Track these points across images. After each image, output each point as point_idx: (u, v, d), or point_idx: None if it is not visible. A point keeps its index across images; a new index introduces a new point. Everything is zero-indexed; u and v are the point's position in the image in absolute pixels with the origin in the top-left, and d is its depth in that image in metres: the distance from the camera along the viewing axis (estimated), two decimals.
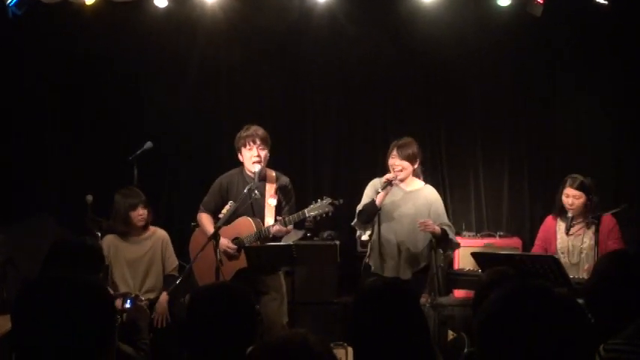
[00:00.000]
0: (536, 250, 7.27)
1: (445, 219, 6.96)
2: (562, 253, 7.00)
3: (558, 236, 7.10)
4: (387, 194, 6.78)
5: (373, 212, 6.80)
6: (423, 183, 7.07)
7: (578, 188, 6.91)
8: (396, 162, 6.84)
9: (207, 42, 9.12)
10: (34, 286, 2.54)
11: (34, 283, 2.58)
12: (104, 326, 2.50)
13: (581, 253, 6.91)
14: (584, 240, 6.92)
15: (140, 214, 6.92)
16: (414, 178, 7.01)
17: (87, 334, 2.42)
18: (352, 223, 7.04)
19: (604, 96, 8.84)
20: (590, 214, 6.87)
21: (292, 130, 9.31)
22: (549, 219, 7.26)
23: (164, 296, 6.88)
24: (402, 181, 6.89)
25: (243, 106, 9.32)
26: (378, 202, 6.74)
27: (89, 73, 9.16)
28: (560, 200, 7.04)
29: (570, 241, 7.00)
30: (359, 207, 6.93)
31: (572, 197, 6.96)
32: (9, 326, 2.57)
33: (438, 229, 6.68)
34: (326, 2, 8.32)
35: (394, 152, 6.88)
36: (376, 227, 6.91)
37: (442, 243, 6.84)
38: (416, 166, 6.92)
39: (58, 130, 9.27)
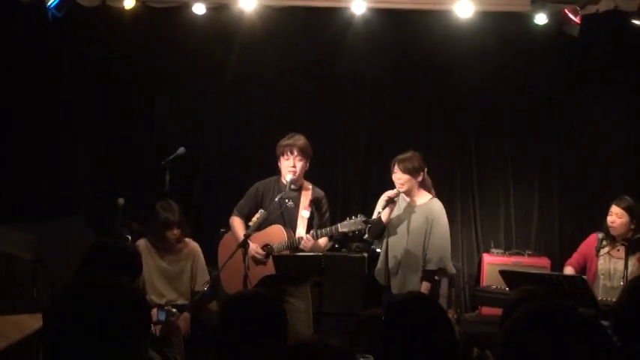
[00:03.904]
0: (572, 261, 7.19)
1: (441, 244, 6.84)
2: (603, 274, 6.93)
3: (600, 258, 7.01)
4: (391, 211, 6.79)
5: (381, 229, 6.85)
6: (430, 196, 7.00)
7: (623, 208, 6.87)
8: (398, 176, 6.83)
9: (242, 50, 9.14)
10: (71, 289, 2.55)
11: (72, 285, 2.59)
12: (138, 333, 2.51)
13: (623, 277, 6.78)
14: (628, 265, 6.81)
15: (174, 233, 6.92)
16: (423, 191, 6.98)
17: (120, 339, 2.42)
18: (365, 237, 7.05)
19: (636, 116, 8.80)
20: (633, 238, 6.78)
21: (322, 144, 9.28)
22: (593, 237, 7.18)
23: (187, 315, 6.90)
24: (406, 194, 6.89)
25: (275, 115, 9.34)
26: (384, 219, 6.76)
27: (125, 76, 9.23)
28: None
29: (612, 264, 6.93)
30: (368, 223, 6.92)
31: (614, 215, 6.91)
32: (38, 325, 2.59)
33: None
34: (362, 16, 8.34)
35: (395, 167, 6.85)
36: (384, 241, 6.94)
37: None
38: (419, 179, 6.87)
39: (91, 131, 9.32)
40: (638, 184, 8.66)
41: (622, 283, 6.69)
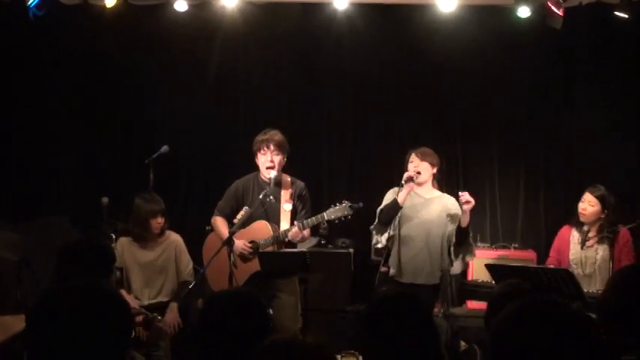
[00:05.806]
0: (551, 261, 7.25)
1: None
2: (575, 264, 6.97)
3: (572, 247, 7.07)
4: (409, 192, 6.74)
5: (395, 211, 6.73)
6: (440, 192, 7.00)
7: (596, 197, 6.91)
8: (414, 164, 6.81)
9: (225, 47, 9.15)
10: (53, 294, 2.55)
11: (53, 290, 2.59)
12: (120, 337, 2.50)
13: (594, 264, 6.87)
14: (599, 252, 6.89)
15: (159, 222, 6.91)
16: (432, 188, 6.97)
17: (102, 343, 2.43)
18: (371, 227, 6.95)
19: (623, 109, 8.80)
20: (605, 229, 6.84)
21: (308, 138, 9.29)
22: (564, 229, 7.24)
23: (174, 305, 6.83)
24: (420, 184, 6.85)
25: (260, 111, 9.32)
26: (400, 200, 6.67)
27: (107, 75, 9.20)
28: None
29: (584, 253, 6.96)
30: (379, 208, 6.88)
31: (586, 202, 6.96)
32: (22, 326, 2.57)
33: (466, 219, 6.62)
34: (345, 11, 8.31)
35: (413, 156, 6.86)
36: (396, 232, 6.82)
37: (463, 243, 6.77)
38: (434, 171, 6.89)
39: (75, 131, 9.29)
40: (624, 178, 8.68)
41: (594, 270, 6.87)
